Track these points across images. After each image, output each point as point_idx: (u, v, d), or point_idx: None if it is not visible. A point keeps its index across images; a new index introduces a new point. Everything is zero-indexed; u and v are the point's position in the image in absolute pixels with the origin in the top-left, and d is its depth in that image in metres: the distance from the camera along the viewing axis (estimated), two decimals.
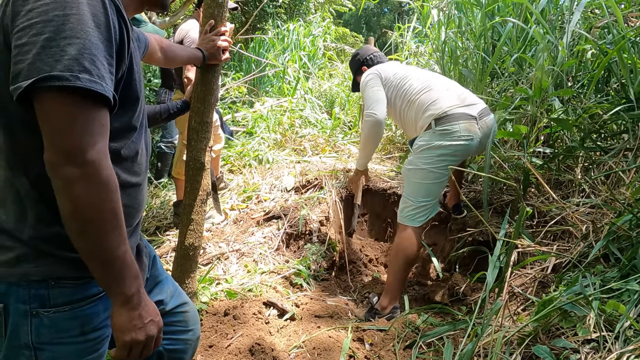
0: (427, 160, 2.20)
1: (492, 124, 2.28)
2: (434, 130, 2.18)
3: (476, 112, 2.21)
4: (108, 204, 0.81)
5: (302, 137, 4.84)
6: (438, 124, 2.17)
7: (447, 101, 2.20)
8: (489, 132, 2.26)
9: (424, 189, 2.24)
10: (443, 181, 2.25)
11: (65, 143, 0.77)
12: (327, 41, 8.37)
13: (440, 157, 2.18)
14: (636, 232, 1.77)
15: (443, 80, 2.38)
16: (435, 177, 2.21)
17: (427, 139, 2.20)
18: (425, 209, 2.26)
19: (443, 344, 1.81)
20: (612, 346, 1.42)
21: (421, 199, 2.25)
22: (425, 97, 2.25)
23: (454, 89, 2.32)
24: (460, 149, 2.17)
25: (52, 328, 0.87)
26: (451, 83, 2.39)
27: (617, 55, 2.24)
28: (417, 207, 2.25)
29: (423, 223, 2.28)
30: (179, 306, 1.24)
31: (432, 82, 2.32)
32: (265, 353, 1.79)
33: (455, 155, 2.19)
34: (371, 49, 2.78)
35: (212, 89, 1.83)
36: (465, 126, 2.15)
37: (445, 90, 2.27)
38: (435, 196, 2.29)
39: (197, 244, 1.94)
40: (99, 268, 0.84)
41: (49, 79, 0.74)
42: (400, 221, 2.33)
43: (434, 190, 2.25)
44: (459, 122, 2.15)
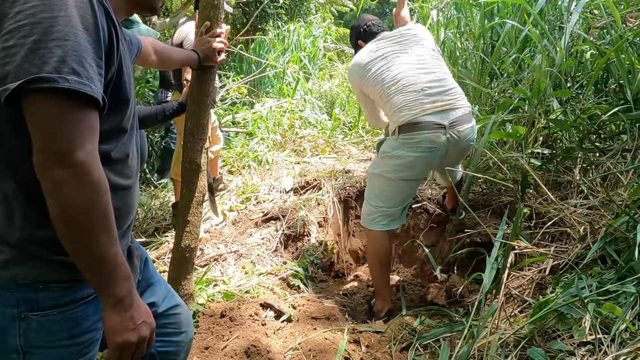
0: (387, 168, 2.16)
1: (470, 133, 2.18)
2: (396, 137, 2.12)
3: (448, 120, 2.08)
4: (98, 205, 0.81)
5: (301, 138, 4.84)
6: (401, 131, 2.10)
7: (413, 107, 2.08)
8: (462, 141, 2.15)
9: (385, 195, 2.20)
10: (404, 191, 2.19)
11: (54, 145, 0.77)
12: (328, 42, 8.37)
13: (398, 167, 2.12)
14: (633, 233, 1.76)
15: (421, 75, 2.15)
16: (396, 185, 2.17)
17: (390, 146, 2.15)
18: (385, 215, 2.21)
19: (439, 346, 1.81)
20: (608, 349, 1.42)
21: (381, 205, 2.21)
22: (395, 100, 2.13)
23: (433, 87, 2.12)
24: (420, 160, 2.10)
25: (41, 332, 0.87)
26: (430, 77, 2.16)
27: (615, 55, 2.23)
28: (376, 212, 2.22)
29: (385, 228, 2.24)
30: (171, 308, 1.23)
31: (407, 79, 2.13)
32: (261, 355, 1.79)
33: (414, 166, 2.12)
34: (366, 18, 2.57)
35: (207, 91, 1.84)
36: (427, 136, 2.06)
37: (416, 93, 2.10)
38: (397, 204, 2.21)
39: (193, 246, 1.94)
40: (89, 270, 0.83)
41: (37, 80, 0.74)
42: (364, 225, 2.32)
43: (395, 198, 2.20)
44: (421, 132, 2.06)
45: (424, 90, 2.11)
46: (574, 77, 2.74)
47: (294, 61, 6.88)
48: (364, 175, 3.57)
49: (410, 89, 2.11)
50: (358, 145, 4.68)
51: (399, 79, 2.15)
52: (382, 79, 2.18)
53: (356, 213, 3.44)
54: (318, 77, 7.04)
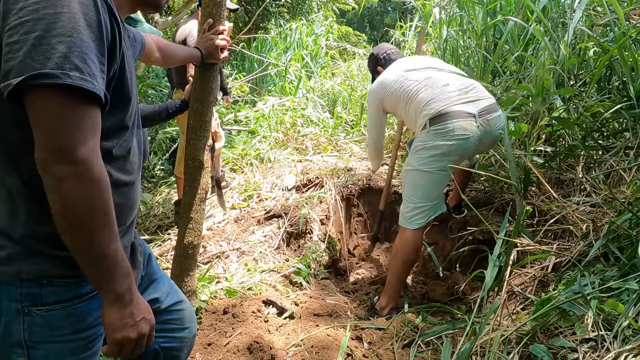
0: (422, 161, 2.16)
1: (498, 121, 2.21)
2: (428, 130, 2.13)
3: (476, 110, 2.12)
4: (99, 202, 0.81)
5: (304, 136, 4.84)
6: (432, 123, 2.12)
7: (441, 100, 2.13)
8: (493, 129, 2.18)
9: (420, 190, 2.20)
10: (440, 182, 2.20)
11: (56, 141, 0.77)
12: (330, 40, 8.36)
13: (433, 157, 2.13)
14: (636, 231, 1.76)
15: (443, 75, 2.27)
16: (431, 178, 2.17)
17: (422, 139, 2.17)
18: (422, 211, 2.21)
19: (442, 342, 1.81)
20: (611, 345, 1.42)
21: (417, 201, 2.21)
22: (422, 96, 2.19)
23: (455, 83, 2.22)
24: (454, 149, 2.11)
25: (45, 326, 0.88)
26: (452, 77, 2.27)
27: (619, 53, 2.22)
28: (414, 209, 2.22)
29: (421, 225, 2.24)
30: (174, 304, 1.24)
31: (431, 80, 2.23)
32: (263, 351, 1.79)
33: (450, 154, 2.13)
34: (385, 47, 2.71)
35: (210, 88, 1.84)
36: (460, 124, 2.08)
37: (442, 87, 2.18)
38: (433, 198, 2.22)
39: (196, 243, 1.95)
40: (89, 266, 0.84)
41: (39, 76, 0.74)
42: (400, 223, 2.31)
43: (430, 191, 2.20)
44: (453, 121, 2.08)
45: (447, 86, 2.18)
46: (577, 74, 2.72)
47: (296, 59, 6.88)
48: (366, 173, 3.57)
49: (436, 84, 2.19)
50: (360, 143, 4.67)
51: (425, 78, 2.24)
52: (408, 81, 2.26)
53: (358, 211, 3.45)
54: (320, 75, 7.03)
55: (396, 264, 2.28)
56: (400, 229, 2.30)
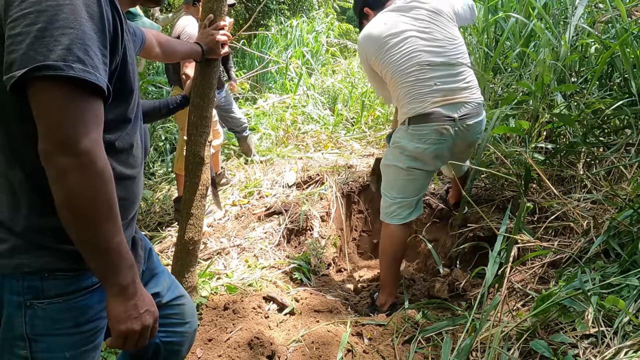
0: (398, 158, 2.14)
1: (478, 126, 2.15)
2: (407, 128, 2.10)
3: (458, 114, 2.05)
4: (102, 194, 0.81)
5: (304, 133, 4.84)
6: (411, 122, 2.08)
7: (425, 100, 2.04)
8: (470, 134, 2.12)
9: (399, 186, 2.18)
10: (417, 180, 2.17)
11: (59, 133, 0.77)
12: (331, 37, 8.34)
13: (410, 157, 2.11)
14: (637, 227, 1.76)
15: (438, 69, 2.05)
16: (407, 174, 2.14)
17: (400, 136, 2.14)
18: (401, 206, 2.19)
19: (442, 339, 1.81)
20: (611, 341, 1.42)
21: (397, 196, 2.19)
22: (408, 89, 2.07)
23: (448, 82, 2.05)
24: (428, 152, 2.08)
25: (47, 319, 0.88)
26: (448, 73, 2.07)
27: (620, 49, 2.22)
28: (394, 204, 2.20)
29: (404, 222, 2.21)
30: (175, 299, 1.24)
31: (424, 71, 2.04)
32: (264, 347, 1.79)
33: (424, 157, 2.10)
34: None
35: (211, 84, 1.84)
36: (436, 129, 2.04)
37: (430, 87, 2.04)
38: (413, 194, 2.19)
39: (196, 238, 1.95)
40: (93, 258, 0.84)
41: (42, 68, 0.74)
42: (382, 218, 2.29)
43: (409, 188, 2.17)
44: (430, 124, 2.04)
45: (437, 85, 2.05)
46: (578, 71, 2.72)
47: (297, 57, 6.87)
48: (367, 170, 3.56)
49: (424, 83, 2.05)
50: (360, 140, 4.67)
51: (414, 69, 2.05)
52: (396, 64, 2.07)
53: (359, 208, 3.45)
54: (321, 72, 7.02)
55: (385, 260, 2.27)
56: (383, 224, 2.28)
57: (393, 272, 2.27)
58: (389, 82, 2.17)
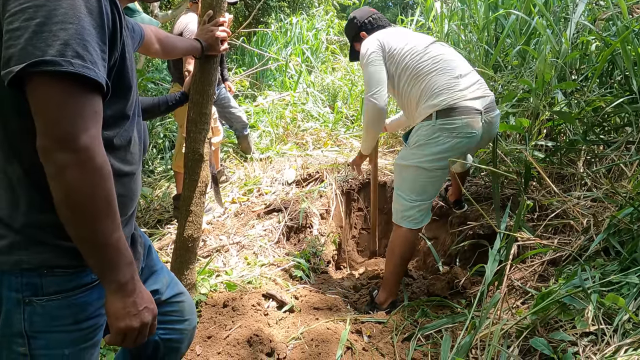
0: (423, 157, 2.05)
1: (497, 119, 2.15)
2: (434, 123, 2.01)
3: (482, 106, 2.04)
4: (101, 190, 0.81)
5: (304, 131, 4.83)
6: (440, 116, 2.00)
7: (454, 92, 2.00)
8: (492, 128, 2.13)
9: (419, 187, 2.10)
10: (440, 179, 2.13)
11: (58, 129, 0.76)
12: (330, 35, 8.32)
13: (437, 155, 2.03)
14: (637, 225, 1.76)
15: (457, 63, 2.11)
16: (432, 175, 2.08)
17: (425, 133, 2.04)
18: (420, 209, 2.13)
19: (441, 336, 1.81)
20: (611, 339, 1.42)
21: (416, 198, 2.11)
22: (433, 81, 2.03)
23: (467, 75, 2.09)
24: (458, 147, 2.03)
25: (46, 316, 0.87)
26: (465, 67, 2.13)
27: (621, 47, 2.21)
28: (412, 207, 2.13)
29: (419, 226, 2.16)
30: (174, 296, 1.24)
31: (445, 63, 2.07)
32: (263, 344, 1.79)
33: (453, 152, 2.04)
34: (370, 10, 2.42)
35: (210, 80, 1.83)
36: (467, 122, 1.98)
37: (456, 78, 2.04)
38: (431, 195, 2.15)
39: (196, 236, 1.95)
40: (92, 255, 0.83)
41: (41, 63, 0.73)
42: (395, 221, 2.22)
43: (429, 189, 2.11)
44: (462, 117, 1.98)
45: (461, 76, 2.04)
46: (578, 69, 2.72)
47: (297, 54, 6.85)
48: (366, 168, 3.56)
49: (449, 72, 2.04)
50: (360, 138, 4.66)
51: (438, 59, 2.05)
52: (419, 53, 2.07)
53: (358, 205, 3.44)
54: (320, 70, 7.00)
55: (392, 261, 2.23)
56: (395, 226, 2.22)
57: (398, 273, 2.26)
58: (408, 79, 2.12)
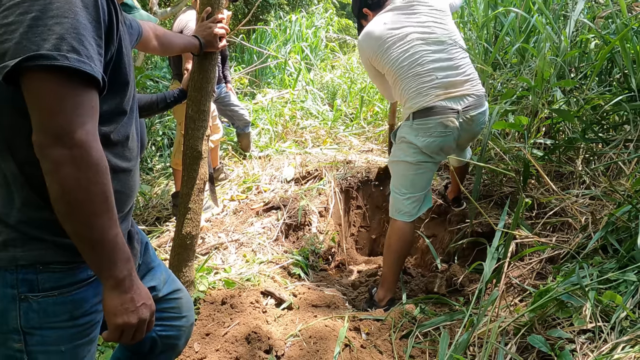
0: (406, 153, 2.17)
1: (481, 117, 2.17)
2: (411, 123, 2.12)
3: (461, 106, 2.08)
4: (98, 186, 0.80)
5: (303, 128, 4.83)
6: (415, 117, 2.11)
7: (428, 93, 2.07)
8: (473, 125, 2.15)
9: (408, 181, 2.21)
10: (426, 173, 2.20)
11: (54, 124, 0.76)
12: (330, 32, 8.31)
13: (415, 152, 2.14)
14: (635, 223, 1.76)
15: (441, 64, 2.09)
16: (417, 169, 2.17)
17: (405, 132, 2.16)
18: (412, 202, 2.21)
19: (440, 334, 1.81)
20: (608, 337, 1.42)
21: (405, 191, 2.21)
22: (410, 84, 2.10)
23: (450, 76, 2.09)
24: (434, 145, 2.11)
25: (41, 313, 0.87)
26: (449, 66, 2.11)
27: (620, 44, 2.21)
28: (405, 200, 2.21)
29: (413, 218, 2.23)
30: (172, 293, 1.24)
31: (425, 65, 2.07)
32: (261, 341, 1.79)
33: (431, 150, 2.12)
34: None
35: (209, 77, 1.83)
36: (441, 122, 2.06)
37: (432, 81, 2.07)
38: (422, 188, 2.22)
39: (194, 233, 1.95)
40: (89, 251, 0.83)
41: (36, 58, 0.73)
42: (391, 215, 2.30)
43: (418, 182, 2.20)
44: (435, 117, 2.06)
45: (438, 79, 2.08)
46: (578, 67, 2.71)
47: (296, 52, 6.84)
48: (365, 166, 3.56)
49: (425, 78, 2.08)
50: (359, 136, 4.66)
51: (415, 65, 2.09)
52: (397, 60, 2.11)
53: (357, 203, 3.44)
54: (320, 67, 7.00)
55: (389, 257, 2.27)
56: (391, 220, 2.30)
57: (396, 268, 2.28)
58: (391, 79, 2.21)
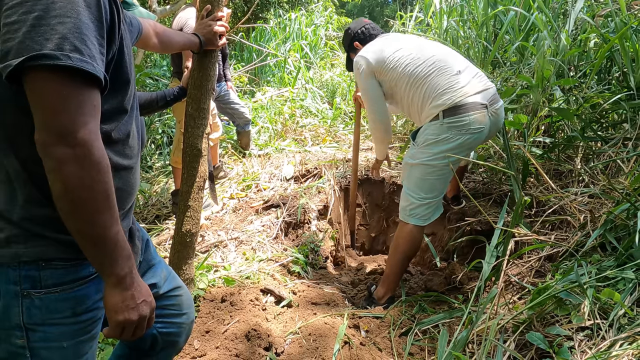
0: (433, 155, 2.06)
1: (502, 110, 2.15)
2: (441, 122, 2.02)
3: (487, 99, 2.04)
4: (100, 184, 0.81)
5: (302, 127, 4.83)
6: (446, 115, 2.01)
7: (455, 89, 2.01)
8: (499, 119, 2.13)
9: (428, 185, 2.11)
10: (448, 176, 2.14)
11: (56, 123, 0.76)
12: (329, 30, 8.30)
13: (447, 152, 2.03)
14: (633, 221, 1.77)
15: (452, 60, 2.11)
16: (440, 172, 2.09)
17: (434, 132, 2.05)
18: (429, 207, 2.14)
19: (439, 331, 1.82)
20: (606, 334, 1.43)
21: (424, 195, 2.13)
22: (434, 83, 2.05)
23: (465, 70, 2.09)
24: (468, 142, 2.04)
25: (44, 309, 0.88)
26: (462, 62, 2.13)
27: (619, 43, 2.21)
28: (421, 205, 2.14)
29: (427, 222, 2.17)
30: (172, 290, 1.24)
31: (441, 63, 2.08)
32: (261, 339, 1.80)
33: (464, 148, 2.06)
34: (363, 21, 2.50)
35: (209, 75, 1.83)
36: (476, 117, 1.99)
37: (455, 75, 2.05)
38: (440, 192, 2.16)
39: (194, 231, 1.95)
40: (91, 249, 0.84)
41: (39, 57, 0.73)
42: (402, 218, 2.22)
43: (438, 186, 2.13)
44: (469, 114, 1.99)
45: (460, 72, 2.04)
46: (577, 65, 2.72)
47: (295, 50, 6.84)
48: (365, 164, 3.56)
49: (447, 71, 2.05)
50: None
51: (433, 61, 2.07)
52: (413, 59, 2.09)
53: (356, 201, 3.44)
54: (319, 66, 6.99)
55: (396, 257, 2.23)
56: (401, 223, 2.23)
57: (400, 270, 2.26)
58: (407, 86, 2.15)
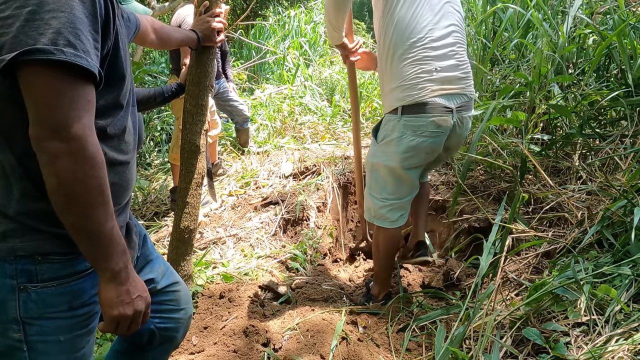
0: (390, 156, 1.92)
1: (469, 122, 1.98)
2: (399, 119, 1.86)
3: (456, 104, 1.86)
4: (94, 179, 0.81)
5: (301, 124, 4.83)
6: (405, 112, 1.85)
7: (426, 87, 1.81)
8: (463, 129, 1.95)
9: (391, 186, 1.98)
10: (411, 179, 1.97)
11: (50, 118, 0.76)
12: None
13: (404, 154, 1.89)
14: (630, 217, 1.77)
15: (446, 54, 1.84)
16: (400, 175, 1.95)
17: (390, 129, 1.91)
18: (394, 208, 2.00)
19: (436, 327, 1.82)
20: (602, 329, 1.43)
21: (388, 197, 2.00)
22: (405, 70, 1.82)
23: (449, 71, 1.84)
24: (424, 146, 1.87)
25: (40, 303, 0.88)
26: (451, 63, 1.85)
27: (617, 40, 2.21)
28: (385, 207, 2.01)
29: (397, 225, 2.02)
30: (170, 285, 1.24)
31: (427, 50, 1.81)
32: (259, 335, 1.81)
33: (419, 152, 1.89)
34: None
35: (207, 72, 1.83)
36: (435, 120, 1.82)
37: (430, 73, 1.81)
38: (406, 194, 2.00)
39: (192, 227, 1.96)
40: (85, 243, 0.84)
41: (33, 52, 0.73)
42: (368, 219, 2.10)
43: (402, 188, 1.98)
44: (428, 115, 1.82)
45: (437, 72, 1.82)
46: (575, 62, 2.72)
47: (294, 47, 6.83)
48: (363, 161, 3.56)
49: (424, 66, 1.82)
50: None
51: (419, 45, 1.80)
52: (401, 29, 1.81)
53: (355, 199, 3.45)
54: (318, 63, 6.98)
55: (378, 256, 2.18)
56: (374, 226, 2.12)
57: (386, 265, 2.22)
58: (384, 48, 1.89)
